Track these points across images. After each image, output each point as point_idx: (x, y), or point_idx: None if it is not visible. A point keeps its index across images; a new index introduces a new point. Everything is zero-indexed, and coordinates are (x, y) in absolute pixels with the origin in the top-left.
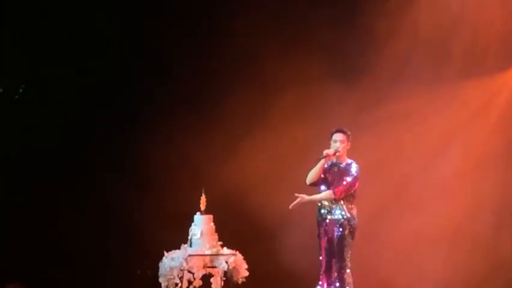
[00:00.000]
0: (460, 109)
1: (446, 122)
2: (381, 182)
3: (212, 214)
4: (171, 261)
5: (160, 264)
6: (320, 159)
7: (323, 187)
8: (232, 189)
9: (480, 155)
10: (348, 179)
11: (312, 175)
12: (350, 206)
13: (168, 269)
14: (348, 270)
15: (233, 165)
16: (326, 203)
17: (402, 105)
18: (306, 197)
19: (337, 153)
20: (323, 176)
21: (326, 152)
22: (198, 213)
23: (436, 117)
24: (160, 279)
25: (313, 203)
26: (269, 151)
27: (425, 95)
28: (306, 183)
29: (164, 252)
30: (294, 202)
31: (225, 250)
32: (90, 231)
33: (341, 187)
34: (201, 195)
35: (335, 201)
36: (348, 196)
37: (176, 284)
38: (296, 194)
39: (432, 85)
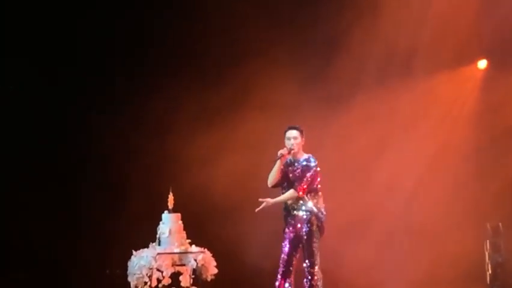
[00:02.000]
0: (430, 103)
1: (415, 116)
2: (345, 179)
3: (180, 212)
4: (140, 260)
5: (129, 263)
6: (276, 161)
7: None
8: (200, 186)
9: (451, 149)
10: (308, 174)
11: (271, 177)
12: (315, 201)
13: (137, 268)
14: (317, 267)
15: (200, 163)
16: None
17: (371, 100)
18: (270, 201)
19: (292, 151)
20: (283, 176)
21: (280, 152)
22: (165, 211)
23: (406, 112)
24: (129, 278)
25: (279, 204)
26: (235, 148)
27: (394, 90)
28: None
29: (133, 251)
30: (259, 207)
31: (194, 248)
32: (58, 231)
33: (302, 184)
34: (169, 194)
35: (300, 197)
36: (312, 191)
37: (146, 283)
38: (260, 199)
39: (401, 79)
